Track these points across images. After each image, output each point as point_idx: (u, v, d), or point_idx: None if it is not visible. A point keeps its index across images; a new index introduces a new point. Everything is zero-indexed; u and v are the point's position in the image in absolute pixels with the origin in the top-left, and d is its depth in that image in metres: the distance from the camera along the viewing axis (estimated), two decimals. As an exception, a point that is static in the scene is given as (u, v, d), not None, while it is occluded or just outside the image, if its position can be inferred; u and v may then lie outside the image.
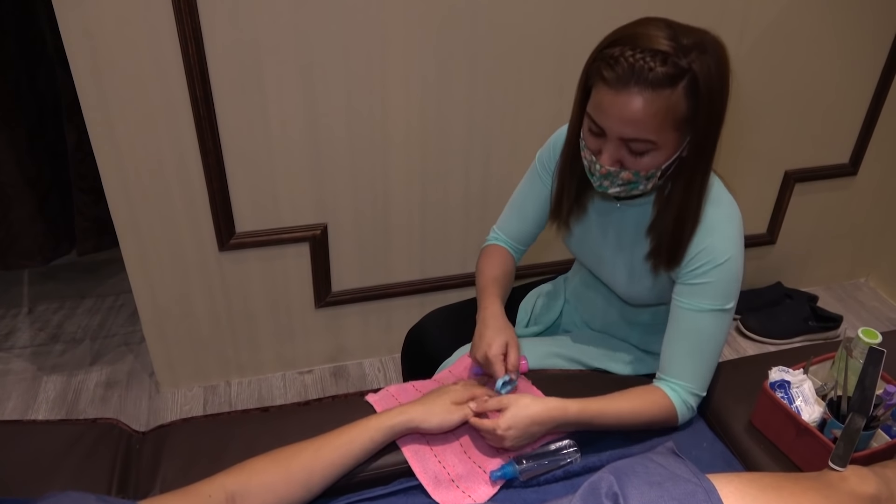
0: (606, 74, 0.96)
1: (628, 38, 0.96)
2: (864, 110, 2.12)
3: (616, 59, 0.95)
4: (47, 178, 1.97)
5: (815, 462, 1.04)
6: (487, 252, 1.37)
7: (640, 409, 1.11)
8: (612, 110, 0.97)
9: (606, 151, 1.02)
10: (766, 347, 2.21)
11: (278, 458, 0.95)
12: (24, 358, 2.11)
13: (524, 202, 1.35)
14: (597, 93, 0.99)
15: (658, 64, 0.93)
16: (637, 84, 0.94)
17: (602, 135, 1.02)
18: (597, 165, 1.04)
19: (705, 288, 1.09)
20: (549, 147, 1.29)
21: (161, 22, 1.48)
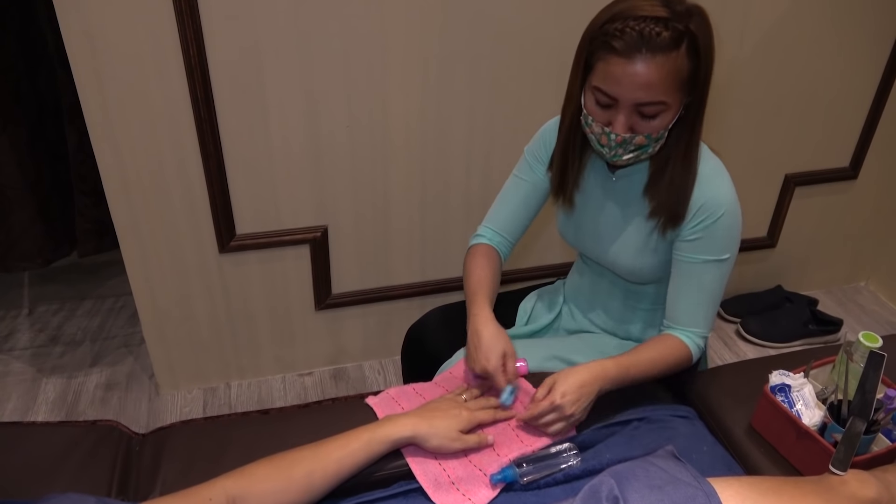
0: (616, 44, 1.00)
1: (626, 10, 1.02)
2: (865, 114, 2.12)
3: (622, 31, 1.00)
4: (48, 180, 1.97)
5: (816, 466, 1.04)
6: (473, 253, 1.37)
7: (663, 356, 1.19)
8: (625, 78, 1.02)
9: (619, 119, 1.06)
10: (767, 351, 2.20)
11: (280, 463, 0.95)
12: (23, 359, 2.11)
13: (514, 193, 1.36)
14: (605, 65, 1.03)
15: (663, 29, 0.99)
16: (648, 50, 1.00)
17: (611, 105, 1.06)
18: (611, 135, 1.08)
19: (708, 241, 1.15)
20: (538, 139, 1.33)
21: (162, 23, 1.48)
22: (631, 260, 1.24)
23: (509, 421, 1.13)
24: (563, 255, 2.11)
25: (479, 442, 1.07)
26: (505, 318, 1.47)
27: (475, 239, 1.40)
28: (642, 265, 1.24)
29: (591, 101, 1.09)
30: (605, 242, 1.27)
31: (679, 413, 1.18)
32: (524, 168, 1.35)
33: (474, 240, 1.40)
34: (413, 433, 1.03)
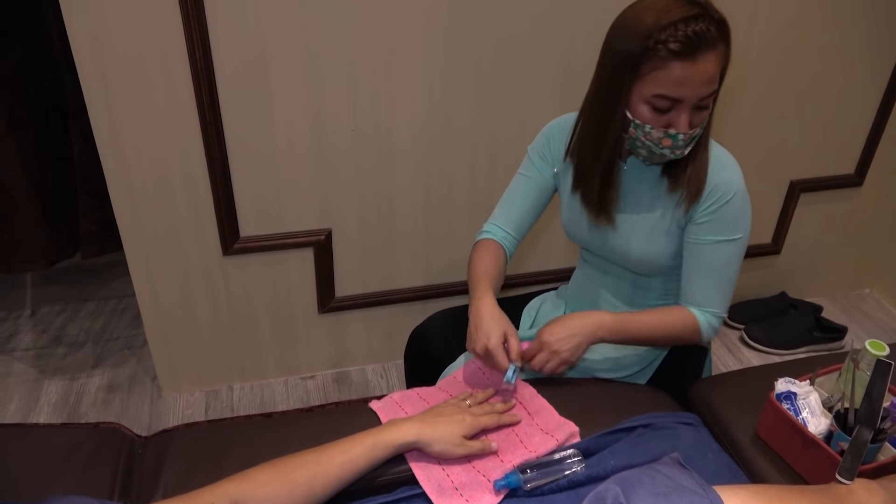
0: (678, 48, 1.02)
1: (661, 18, 1.03)
2: (870, 121, 2.12)
3: (675, 36, 1.02)
4: (52, 182, 1.97)
5: (822, 475, 1.03)
6: (479, 247, 1.37)
7: (667, 321, 1.22)
8: (691, 78, 1.04)
9: (683, 119, 1.08)
10: (771, 358, 2.20)
11: (282, 468, 0.95)
12: (26, 361, 2.11)
13: (521, 191, 1.37)
14: (667, 72, 1.04)
15: (709, 23, 1.02)
16: (707, 47, 1.03)
17: (670, 108, 1.08)
18: (678, 136, 1.09)
19: (719, 222, 1.18)
20: (543, 138, 1.35)
21: (168, 27, 1.48)
22: (644, 246, 1.25)
23: (513, 427, 1.13)
24: (565, 260, 2.11)
25: (483, 448, 1.06)
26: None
27: (481, 235, 1.40)
28: (656, 252, 1.25)
29: (646, 110, 1.09)
30: (620, 232, 1.26)
31: (684, 420, 1.17)
32: (529, 167, 1.36)
33: (480, 235, 1.40)
34: (417, 438, 1.02)
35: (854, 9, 1.89)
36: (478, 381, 1.24)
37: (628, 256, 1.28)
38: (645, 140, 1.12)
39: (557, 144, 1.32)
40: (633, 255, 1.26)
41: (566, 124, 1.32)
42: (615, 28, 1.12)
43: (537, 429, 1.12)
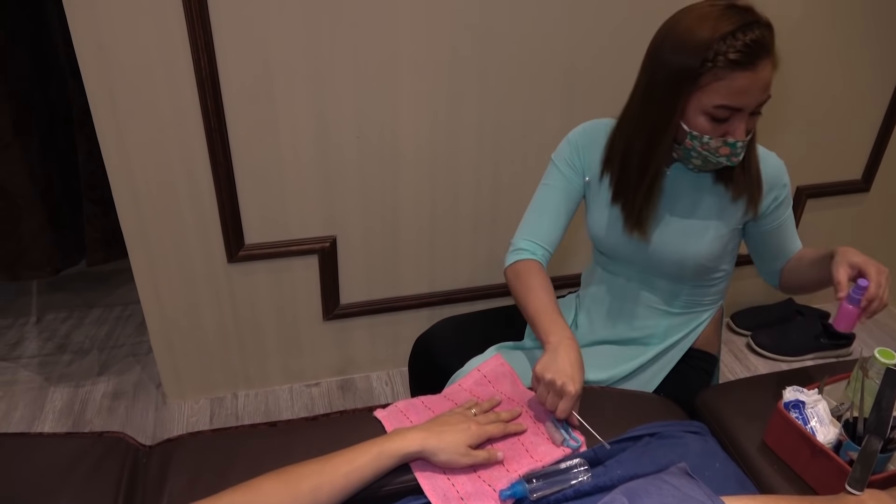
0: (739, 58, 1.03)
1: (718, 26, 1.03)
2: (877, 126, 2.11)
3: (734, 46, 1.02)
4: (58, 190, 1.98)
5: (831, 484, 1.02)
6: (527, 271, 1.29)
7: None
8: (752, 87, 1.05)
9: (740, 126, 1.09)
10: (778, 365, 2.18)
11: (287, 478, 0.94)
12: (31, 368, 2.11)
13: (549, 202, 1.34)
14: (728, 82, 1.05)
15: (764, 29, 1.04)
16: (765, 54, 1.04)
17: (730, 117, 1.08)
18: (736, 144, 1.10)
19: (786, 201, 1.27)
20: (570, 146, 1.34)
21: (173, 34, 1.49)
22: (686, 250, 1.25)
23: (519, 436, 1.12)
24: (571, 267, 2.10)
25: (489, 457, 1.05)
26: (513, 332, 1.46)
27: (517, 254, 1.33)
28: (701, 255, 1.26)
29: (704, 120, 1.10)
30: (663, 238, 1.26)
31: (691, 429, 1.16)
32: (556, 176, 1.34)
33: (517, 255, 1.33)
34: (422, 447, 1.02)
35: (859, 15, 1.88)
36: (483, 389, 1.23)
37: (666, 262, 1.28)
38: (701, 150, 1.12)
39: (588, 153, 1.31)
40: (673, 260, 1.27)
41: (594, 133, 1.31)
42: (664, 42, 1.11)
43: (543, 438, 1.11)
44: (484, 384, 1.24)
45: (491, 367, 1.28)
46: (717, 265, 1.31)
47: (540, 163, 1.88)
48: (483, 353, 1.35)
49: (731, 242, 1.30)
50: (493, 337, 1.40)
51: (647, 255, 1.29)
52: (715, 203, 1.25)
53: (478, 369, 1.28)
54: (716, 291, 1.38)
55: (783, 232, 1.30)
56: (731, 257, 1.34)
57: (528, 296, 1.25)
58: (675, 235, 1.26)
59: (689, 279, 1.32)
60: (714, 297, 1.39)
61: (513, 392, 1.21)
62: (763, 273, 1.39)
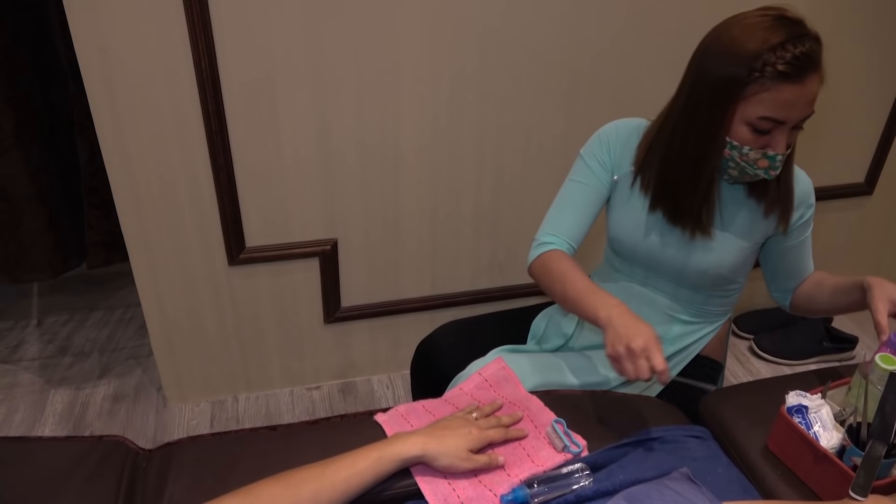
0: (787, 70, 1.02)
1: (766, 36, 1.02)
2: (881, 129, 2.11)
3: (783, 57, 1.02)
4: (59, 192, 1.97)
5: (834, 490, 1.01)
6: (555, 258, 1.26)
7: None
8: (798, 101, 1.05)
9: (781, 140, 1.08)
10: (781, 369, 2.18)
11: (287, 482, 0.93)
12: (32, 370, 2.10)
13: (577, 199, 1.31)
14: (775, 94, 1.04)
15: (814, 42, 1.03)
16: (814, 69, 1.04)
17: (773, 129, 1.07)
18: (776, 157, 1.09)
19: (809, 219, 1.27)
20: (601, 143, 1.31)
21: (174, 37, 1.48)
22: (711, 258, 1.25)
23: (520, 440, 1.11)
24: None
25: (490, 462, 1.05)
26: (516, 335, 1.45)
27: (542, 247, 1.30)
28: (724, 265, 1.26)
29: (746, 131, 1.08)
30: (691, 248, 1.25)
31: (693, 433, 1.16)
32: (584, 172, 1.31)
33: (541, 248, 1.30)
34: (422, 452, 1.01)
35: (863, 18, 1.88)
36: (484, 393, 1.23)
37: (688, 271, 1.27)
38: (740, 161, 1.12)
39: (619, 151, 1.29)
40: (697, 270, 1.25)
41: (627, 132, 1.29)
42: (711, 49, 1.10)
43: (545, 442, 1.11)
44: (485, 388, 1.24)
45: (492, 370, 1.28)
46: (736, 277, 1.31)
47: (542, 165, 1.88)
48: (484, 357, 1.34)
49: (752, 255, 1.30)
50: (496, 341, 1.39)
51: (670, 263, 1.28)
52: (747, 217, 1.24)
53: (479, 373, 1.27)
54: (729, 302, 1.37)
55: (801, 251, 1.31)
56: (748, 269, 1.34)
57: (562, 284, 1.21)
58: (702, 246, 1.25)
59: (707, 289, 1.31)
60: (726, 307, 1.38)
61: (514, 396, 1.21)
62: (774, 292, 1.39)
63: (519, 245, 2.01)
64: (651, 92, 1.84)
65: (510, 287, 2.08)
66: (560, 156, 1.88)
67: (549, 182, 1.92)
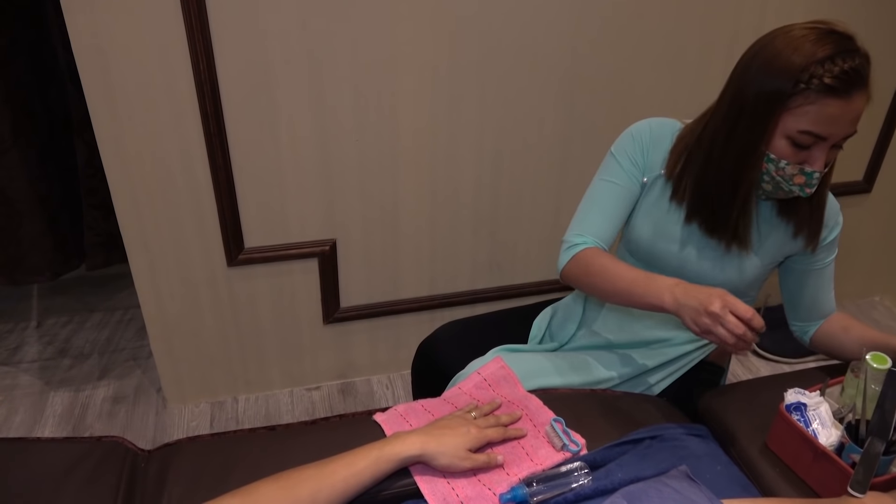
0: (835, 84, 0.99)
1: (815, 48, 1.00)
2: (879, 127, 2.11)
3: (832, 71, 0.99)
4: (57, 194, 1.97)
5: (833, 487, 1.01)
6: (590, 255, 1.22)
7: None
8: (843, 117, 1.02)
9: (821, 157, 1.06)
10: (780, 367, 2.18)
11: (285, 482, 0.93)
12: (31, 372, 2.10)
13: (609, 198, 1.26)
14: (820, 108, 1.02)
15: (864, 59, 1.01)
16: (862, 85, 1.02)
17: (813, 144, 1.05)
18: (813, 174, 1.07)
19: (833, 242, 1.27)
20: (635, 142, 1.25)
21: (172, 38, 1.49)
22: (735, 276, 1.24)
23: (519, 439, 1.11)
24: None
25: (489, 461, 1.05)
26: (517, 335, 1.45)
27: (574, 248, 1.25)
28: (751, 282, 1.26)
29: (785, 144, 1.06)
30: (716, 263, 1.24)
31: (693, 431, 1.16)
32: (618, 173, 1.26)
33: (573, 249, 1.25)
34: (421, 451, 1.01)
35: (860, 17, 1.88)
36: (483, 392, 1.23)
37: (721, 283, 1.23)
38: (776, 175, 1.09)
39: (652, 152, 1.25)
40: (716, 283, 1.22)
41: (660, 133, 1.25)
42: (755, 60, 1.07)
43: (544, 441, 1.11)
44: (484, 387, 1.24)
45: (491, 370, 1.28)
46: (749, 291, 1.30)
47: (541, 165, 1.88)
48: (484, 356, 1.34)
49: (764, 275, 1.29)
50: (497, 340, 1.39)
51: (705, 276, 1.25)
52: (777, 239, 1.23)
53: (478, 372, 1.28)
54: None
55: (822, 278, 1.29)
56: (762, 285, 1.33)
57: (607, 279, 1.18)
58: (728, 262, 1.23)
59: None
60: None
61: (513, 395, 1.21)
62: (794, 321, 1.36)
63: (518, 244, 2.01)
64: (649, 91, 1.85)
65: (509, 287, 2.08)
66: (558, 155, 1.88)
67: (548, 181, 1.92)
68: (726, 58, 1.79)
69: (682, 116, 1.27)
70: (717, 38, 1.78)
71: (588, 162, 1.90)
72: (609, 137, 1.28)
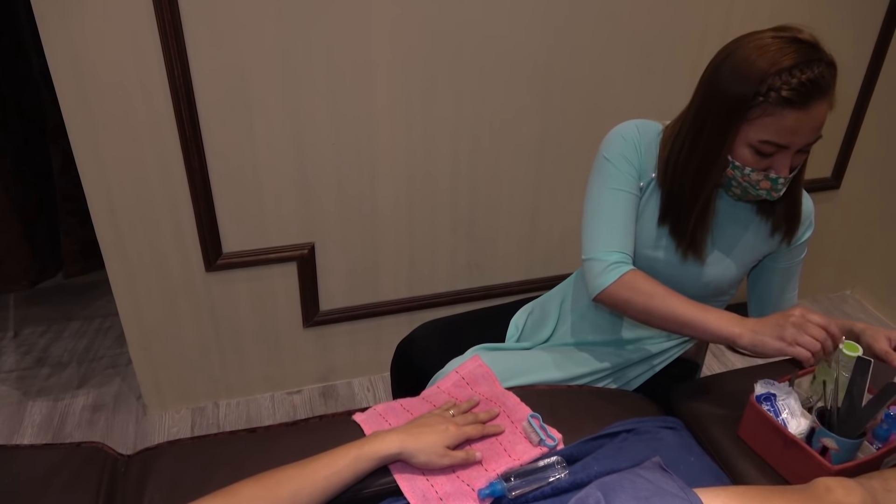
0: (791, 97, 1.01)
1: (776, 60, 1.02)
2: (846, 124, 2.15)
3: (789, 83, 1.00)
4: (33, 202, 1.96)
5: (803, 474, 1.04)
6: (640, 279, 1.18)
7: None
8: (802, 127, 1.04)
9: (783, 163, 1.08)
10: (755, 361, 2.21)
11: (266, 483, 0.94)
12: (9, 382, 2.09)
13: (621, 208, 1.22)
14: (777, 119, 1.03)
15: (825, 68, 1.02)
16: (822, 95, 1.02)
17: (775, 152, 1.07)
18: (778, 179, 1.09)
19: (807, 241, 1.29)
20: (630, 145, 1.23)
21: (146, 44, 1.49)
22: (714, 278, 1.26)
23: (497, 436, 1.13)
24: (550, 268, 2.12)
25: (467, 458, 1.06)
26: (494, 333, 1.47)
27: (617, 268, 1.19)
28: (732, 281, 1.28)
29: (749, 153, 1.08)
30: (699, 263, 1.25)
31: (666, 424, 1.18)
32: (621, 179, 1.22)
33: (616, 269, 1.19)
34: (400, 449, 1.02)
35: (827, 14, 1.92)
36: (461, 391, 1.24)
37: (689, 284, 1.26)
38: (742, 181, 1.12)
39: (645, 155, 1.24)
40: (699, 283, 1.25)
41: (648, 136, 1.24)
42: (722, 67, 1.08)
43: (521, 437, 1.12)
44: (462, 386, 1.25)
45: (469, 368, 1.29)
46: (730, 290, 1.32)
47: (517, 167, 1.90)
48: (463, 355, 1.35)
49: (742, 275, 1.32)
50: (475, 339, 1.41)
51: (671, 273, 1.26)
52: (753, 238, 1.25)
53: (456, 371, 1.29)
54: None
55: (790, 275, 1.32)
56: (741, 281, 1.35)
57: (662, 306, 1.15)
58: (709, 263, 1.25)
59: (706, 299, 1.28)
60: None
61: (490, 393, 1.23)
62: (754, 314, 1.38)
63: (496, 245, 2.03)
64: (624, 92, 1.88)
65: (488, 287, 2.10)
66: (535, 156, 1.90)
67: (525, 182, 1.94)
68: (697, 54, 1.82)
69: (658, 112, 1.29)
70: (687, 34, 1.81)
71: (564, 161, 1.93)
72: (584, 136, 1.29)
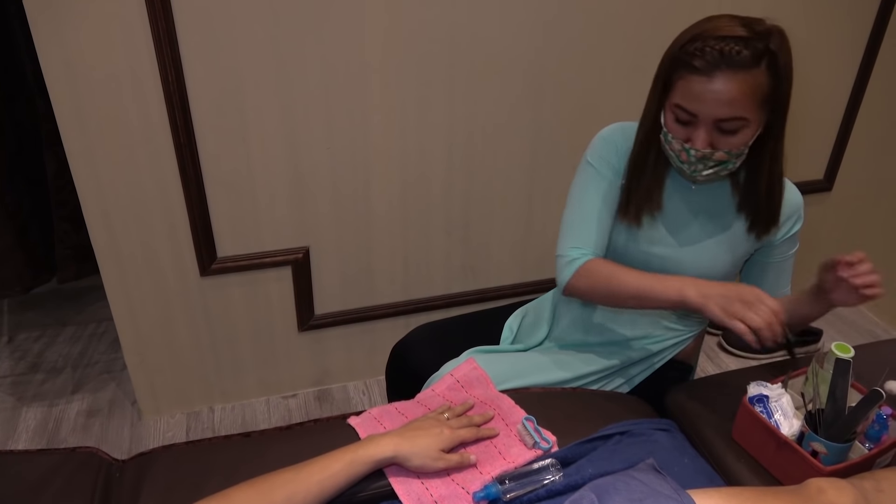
0: (697, 64, 1.05)
1: (706, 31, 1.06)
2: (837, 126, 2.16)
3: (702, 50, 1.04)
4: (27, 207, 1.96)
5: (795, 475, 1.04)
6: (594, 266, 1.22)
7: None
8: (706, 94, 1.06)
9: (699, 135, 1.09)
10: (748, 363, 2.22)
11: (260, 487, 0.94)
12: (3, 388, 2.08)
13: (597, 207, 1.26)
14: (686, 83, 1.07)
15: (742, 47, 1.03)
16: (728, 67, 1.04)
17: (691, 122, 1.10)
18: (690, 151, 1.11)
19: (794, 238, 1.30)
20: (606, 145, 1.27)
21: (140, 50, 1.49)
22: (707, 270, 1.26)
23: (492, 438, 1.13)
24: (544, 272, 2.12)
25: (462, 461, 1.06)
26: (489, 336, 1.47)
27: (575, 261, 1.24)
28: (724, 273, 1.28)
29: (671, 118, 1.12)
30: (683, 255, 1.27)
31: (660, 426, 1.18)
32: (600, 181, 1.26)
33: (574, 263, 1.24)
34: (395, 453, 1.03)
35: (819, 15, 1.93)
36: (456, 394, 1.24)
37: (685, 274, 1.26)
38: (669, 150, 1.15)
39: (623, 150, 1.26)
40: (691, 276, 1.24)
41: (628, 137, 1.25)
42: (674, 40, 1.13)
43: (515, 440, 1.13)
44: (457, 389, 1.26)
45: (464, 371, 1.30)
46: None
47: (511, 170, 1.91)
48: (457, 358, 1.36)
49: (736, 268, 1.32)
50: (469, 342, 1.41)
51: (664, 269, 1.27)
52: (735, 232, 1.26)
53: (451, 374, 1.29)
54: None
55: (782, 270, 1.34)
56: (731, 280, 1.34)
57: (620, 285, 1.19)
58: (690, 255, 1.26)
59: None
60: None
61: (485, 396, 1.23)
62: None
63: (490, 248, 2.03)
64: (616, 95, 1.88)
65: (482, 290, 2.10)
66: (528, 159, 1.91)
67: (519, 184, 1.94)
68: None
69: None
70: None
71: (557, 164, 1.93)
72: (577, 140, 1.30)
